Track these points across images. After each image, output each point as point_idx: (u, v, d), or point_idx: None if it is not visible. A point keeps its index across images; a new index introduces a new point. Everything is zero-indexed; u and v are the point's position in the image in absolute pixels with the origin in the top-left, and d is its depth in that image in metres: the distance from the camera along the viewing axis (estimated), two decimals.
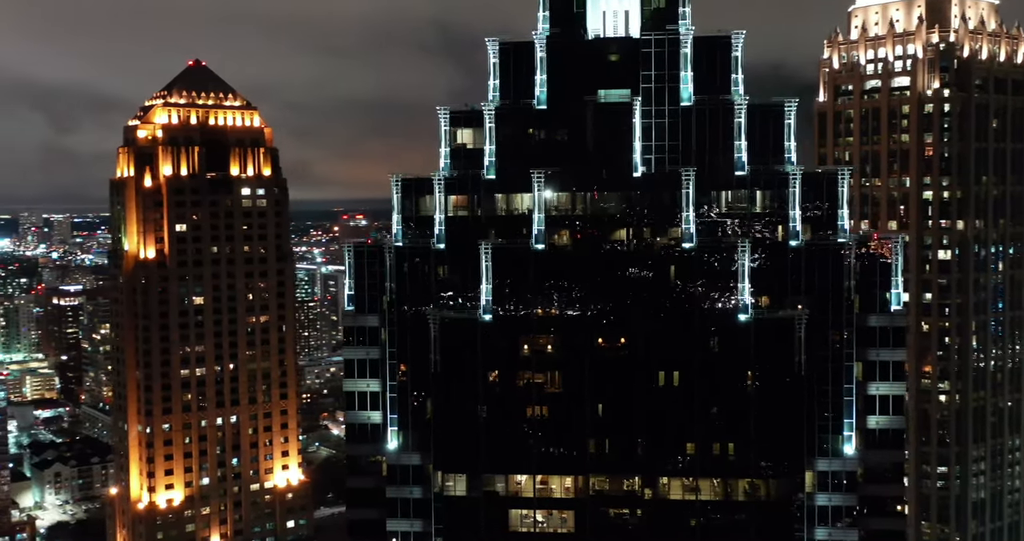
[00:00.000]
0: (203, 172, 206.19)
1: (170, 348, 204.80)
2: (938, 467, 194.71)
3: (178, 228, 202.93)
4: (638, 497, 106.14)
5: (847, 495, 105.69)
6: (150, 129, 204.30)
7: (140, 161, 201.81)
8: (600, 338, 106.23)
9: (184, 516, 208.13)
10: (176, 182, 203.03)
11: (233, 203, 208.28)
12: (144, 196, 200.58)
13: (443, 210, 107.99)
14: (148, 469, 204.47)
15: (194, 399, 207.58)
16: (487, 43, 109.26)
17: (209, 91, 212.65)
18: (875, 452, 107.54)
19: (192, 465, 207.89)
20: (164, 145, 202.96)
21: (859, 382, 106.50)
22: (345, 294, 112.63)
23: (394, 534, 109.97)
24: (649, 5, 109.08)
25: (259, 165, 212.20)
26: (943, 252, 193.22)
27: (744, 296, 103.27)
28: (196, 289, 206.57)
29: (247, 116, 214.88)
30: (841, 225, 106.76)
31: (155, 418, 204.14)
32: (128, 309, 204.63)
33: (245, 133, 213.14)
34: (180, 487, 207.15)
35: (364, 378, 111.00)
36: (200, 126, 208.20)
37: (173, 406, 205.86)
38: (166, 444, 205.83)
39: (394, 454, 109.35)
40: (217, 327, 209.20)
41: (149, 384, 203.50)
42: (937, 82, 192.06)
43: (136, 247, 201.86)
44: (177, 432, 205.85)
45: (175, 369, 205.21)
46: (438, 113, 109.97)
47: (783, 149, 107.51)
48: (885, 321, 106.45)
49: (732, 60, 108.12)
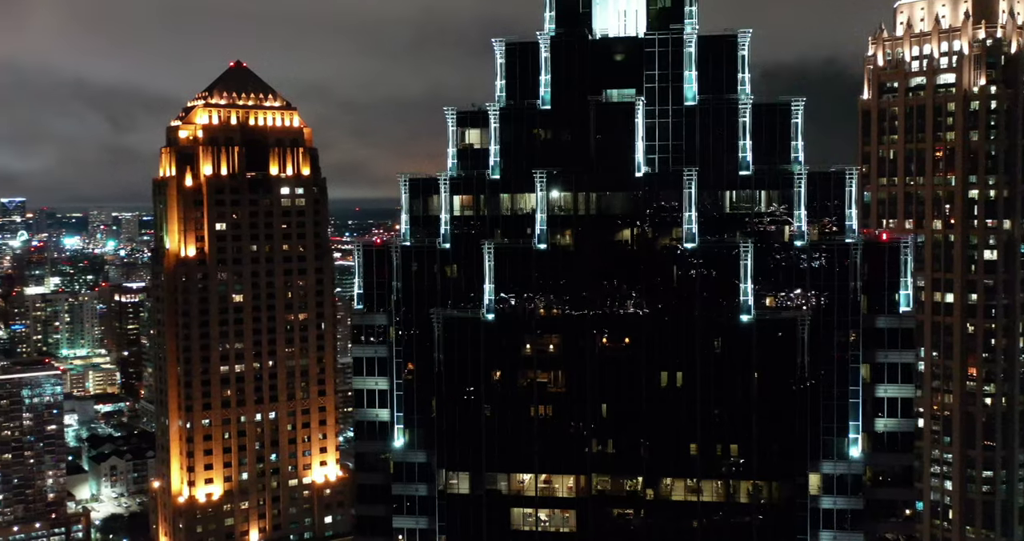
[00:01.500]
0: (243, 171, 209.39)
1: (210, 345, 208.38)
2: (983, 471, 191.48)
3: (218, 227, 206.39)
4: (640, 497, 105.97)
5: (852, 498, 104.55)
6: (191, 130, 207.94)
7: (181, 161, 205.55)
8: (602, 338, 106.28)
9: (223, 510, 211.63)
10: (216, 181, 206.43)
11: (272, 202, 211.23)
12: (185, 195, 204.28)
13: (449, 210, 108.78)
14: (188, 463, 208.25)
15: (233, 395, 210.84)
16: (493, 43, 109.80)
17: (249, 92, 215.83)
18: (883, 455, 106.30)
19: (231, 460, 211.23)
20: (204, 145, 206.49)
21: (867, 384, 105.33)
22: (355, 293, 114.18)
23: (400, 531, 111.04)
24: (655, 4, 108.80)
25: (298, 164, 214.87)
26: (989, 252, 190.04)
27: (747, 296, 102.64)
28: (236, 287, 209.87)
29: (287, 116, 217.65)
30: (849, 225, 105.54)
31: (195, 414, 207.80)
32: (169, 307, 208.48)
33: (284, 133, 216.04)
34: (219, 481, 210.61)
35: (372, 376, 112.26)
36: (240, 126, 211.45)
37: (213, 402, 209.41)
38: (206, 439, 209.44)
39: (400, 452, 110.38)
40: (256, 324, 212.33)
41: (189, 380, 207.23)
42: (983, 78, 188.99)
43: (177, 245, 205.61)
44: (217, 427, 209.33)
45: (215, 365, 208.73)
46: (445, 113, 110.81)
47: (790, 148, 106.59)
48: (893, 322, 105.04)
49: (739, 59, 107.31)
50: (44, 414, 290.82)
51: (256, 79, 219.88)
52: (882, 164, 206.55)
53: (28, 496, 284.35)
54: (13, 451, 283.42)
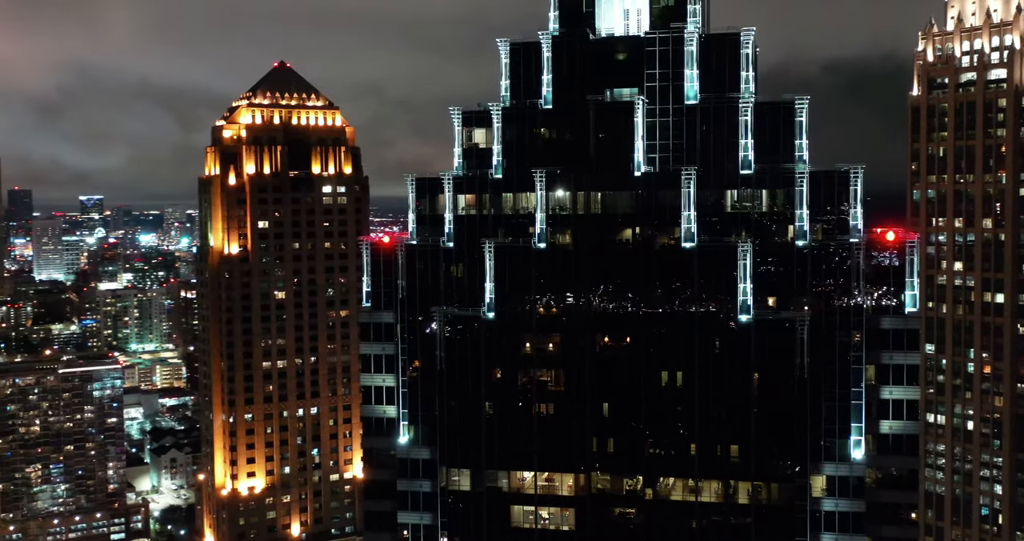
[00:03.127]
0: (285, 170, 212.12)
1: (252, 341, 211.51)
2: None
3: (261, 225, 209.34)
4: (639, 497, 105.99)
5: (855, 501, 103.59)
6: (235, 129, 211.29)
7: (225, 160, 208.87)
8: (602, 337, 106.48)
9: (265, 503, 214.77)
10: (259, 180, 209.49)
11: (314, 200, 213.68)
12: (228, 194, 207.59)
13: (453, 209, 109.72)
14: (231, 457, 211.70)
15: (275, 390, 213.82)
16: (498, 44, 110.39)
17: (292, 92, 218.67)
18: (889, 458, 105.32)
19: (273, 454, 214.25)
20: (248, 144, 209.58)
21: (872, 386, 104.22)
22: (364, 291, 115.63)
23: (405, 526, 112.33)
24: (658, 3, 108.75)
25: (340, 163, 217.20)
26: None
27: (745, 296, 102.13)
28: (278, 284, 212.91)
29: (329, 115, 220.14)
30: (854, 225, 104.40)
31: (238, 408, 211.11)
32: (213, 303, 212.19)
33: (327, 132, 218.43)
34: (261, 475, 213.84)
35: (380, 373, 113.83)
36: (283, 126, 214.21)
37: (255, 397, 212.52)
38: (248, 433, 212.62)
39: (405, 448, 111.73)
40: (298, 321, 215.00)
41: (232, 375, 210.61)
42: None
43: (221, 243, 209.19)
44: (259, 422, 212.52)
45: (257, 361, 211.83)
46: (451, 113, 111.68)
47: (794, 147, 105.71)
48: (899, 323, 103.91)
49: (742, 57, 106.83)
50: (105, 407, 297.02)
51: (299, 79, 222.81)
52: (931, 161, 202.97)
53: (89, 487, 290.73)
54: (75, 443, 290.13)
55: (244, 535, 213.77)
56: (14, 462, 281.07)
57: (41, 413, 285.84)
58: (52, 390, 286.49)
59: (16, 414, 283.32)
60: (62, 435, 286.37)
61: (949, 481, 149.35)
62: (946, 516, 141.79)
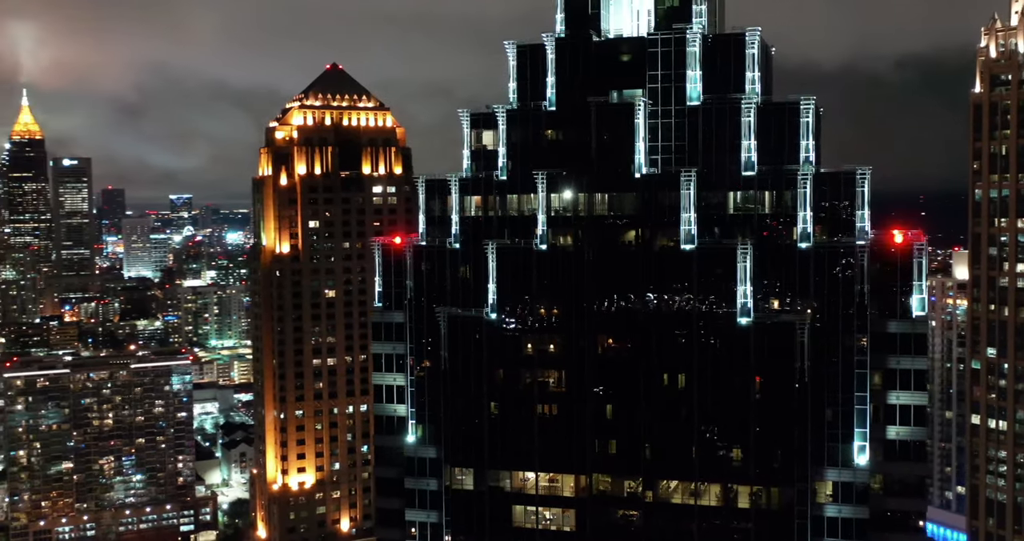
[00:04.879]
0: (336, 171, 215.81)
1: (302, 338, 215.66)
2: None
3: (311, 224, 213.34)
4: (639, 499, 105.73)
5: (858, 507, 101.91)
6: (287, 131, 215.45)
7: (277, 161, 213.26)
8: (603, 339, 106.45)
9: (315, 499, 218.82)
10: (310, 180, 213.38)
11: (364, 200, 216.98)
12: (280, 194, 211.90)
13: (459, 210, 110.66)
14: (282, 453, 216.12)
15: (325, 387, 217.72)
16: (505, 46, 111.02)
17: (344, 93, 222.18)
18: (895, 464, 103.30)
19: (323, 450, 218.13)
20: (299, 145, 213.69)
21: (878, 391, 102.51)
22: (376, 291, 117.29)
23: (412, 524, 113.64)
24: (663, 4, 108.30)
25: (390, 163, 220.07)
26: None
27: (745, 299, 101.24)
28: (328, 282, 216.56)
29: (379, 116, 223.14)
30: (862, 227, 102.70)
31: (288, 405, 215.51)
32: (265, 301, 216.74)
33: (377, 133, 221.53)
34: (311, 471, 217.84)
35: (391, 372, 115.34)
36: (334, 127, 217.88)
37: (305, 394, 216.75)
38: (299, 430, 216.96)
39: (412, 447, 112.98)
40: (348, 319, 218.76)
41: (283, 372, 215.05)
42: None
43: (273, 242, 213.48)
44: (309, 419, 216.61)
45: (307, 358, 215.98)
46: (459, 115, 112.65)
47: (799, 148, 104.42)
48: (906, 327, 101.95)
49: (747, 58, 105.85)
50: (176, 402, 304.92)
51: (351, 81, 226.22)
52: (994, 160, 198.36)
53: (160, 479, 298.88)
54: (147, 436, 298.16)
55: (294, 529, 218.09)
56: (89, 454, 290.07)
57: (114, 407, 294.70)
58: (125, 385, 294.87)
59: (91, 407, 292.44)
60: (134, 428, 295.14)
61: (1011, 488, 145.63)
62: (1008, 524, 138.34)
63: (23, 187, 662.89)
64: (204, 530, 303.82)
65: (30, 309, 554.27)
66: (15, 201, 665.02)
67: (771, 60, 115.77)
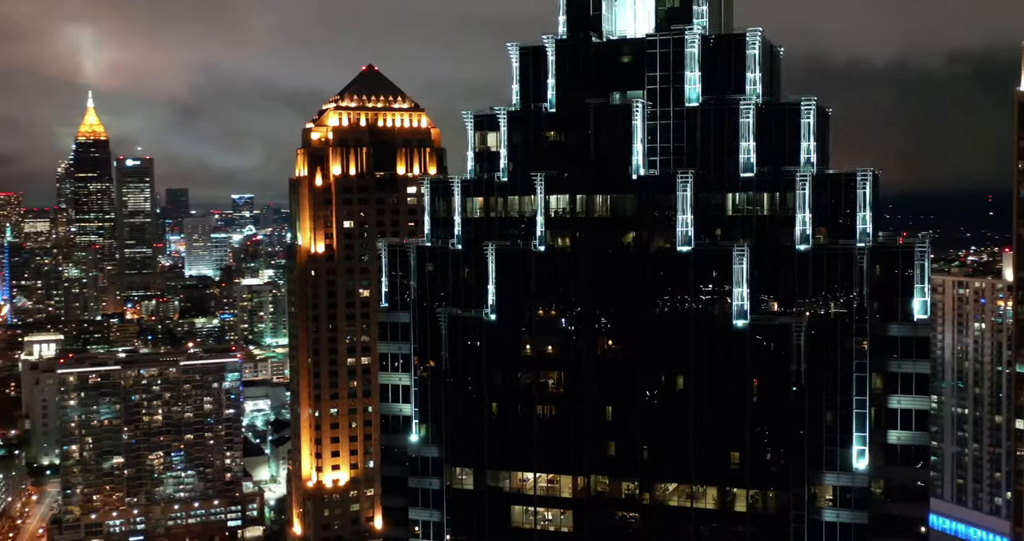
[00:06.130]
0: (371, 171, 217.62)
1: (337, 337, 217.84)
2: None
3: (346, 224, 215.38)
4: (636, 501, 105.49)
5: (857, 512, 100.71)
6: (322, 132, 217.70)
7: (313, 161, 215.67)
8: (600, 341, 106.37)
9: (349, 496, 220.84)
10: (345, 181, 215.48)
11: (398, 200, 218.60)
12: (315, 194, 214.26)
13: (462, 211, 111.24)
14: (317, 450, 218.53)
15: (360, 386, 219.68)
16: (508, 47, 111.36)
17: (379, 94, 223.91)
18: (896, 469, 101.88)
19: (357, 448, 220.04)
20: (334, 146, 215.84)
21: (879, 394, 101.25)
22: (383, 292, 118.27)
23: (416, 522, 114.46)
24: (663, 5, 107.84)
25: (425, 164, 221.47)
26: None
27: (741, 301, 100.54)
28: (362, 282, 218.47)
29: (414, 117, 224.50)
30: (863, 229, 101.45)
31: (323, 403, 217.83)
32: (300, 300, 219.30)
33: (412, 134, 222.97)
34: (345, 468, 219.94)
35: (396, 372, 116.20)
36: (369, 127, 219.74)
37: (339, 392, 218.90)
38: (333, 427, 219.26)
39: (415, 446, 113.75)
40: None
41: (318, 371, 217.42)
42: None
43: (308, 242, 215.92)
44: (343, 417, 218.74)
45: (342, 357, 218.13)
46: (463, 116, 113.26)
47: (799, 150, 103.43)
48: (907, 331, 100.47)
49: (747, 58, 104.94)
50: (224, 399, 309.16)
51: (386, 82, 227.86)
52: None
53: (208, 475, 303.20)
54: (195, 432, 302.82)
55: (328, 526, 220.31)
56: (139, 449, 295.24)
57: (164, 403, 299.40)
58: (174, 382, 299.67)
59: (141, 404, 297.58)
60: (183, 424, 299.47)
61: None
62: None
63: (88, 187, 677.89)
64: (251, 526, 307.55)
65: (92, 307, 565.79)
66: (81, 201, 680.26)
67: (778, 61, 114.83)
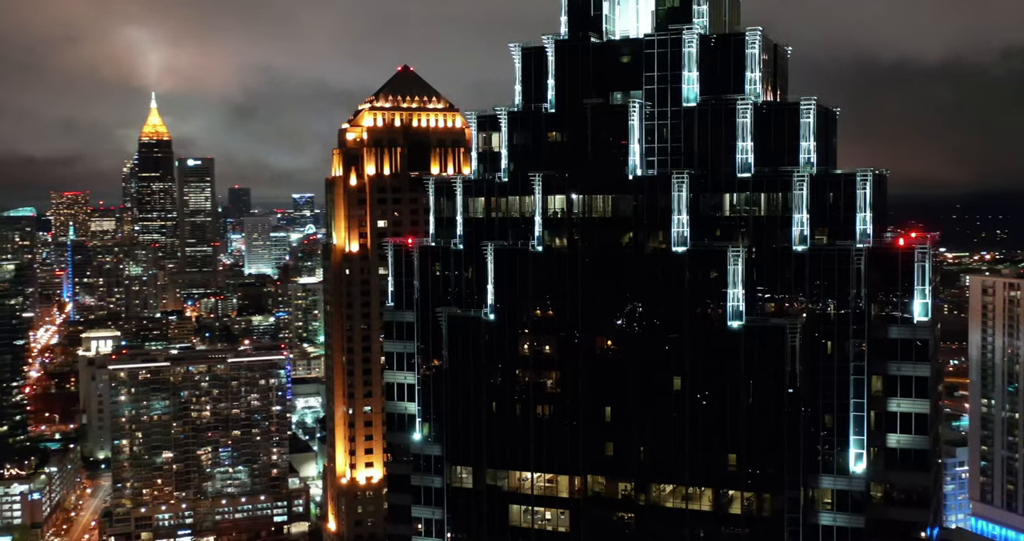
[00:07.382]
0: (405, 171, 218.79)
1: (371, 335, 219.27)
2: None
3: (380, 224, 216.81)
4: (633, 501, 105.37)
5: (854, 516, 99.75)
6: (357, 132, 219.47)
7: (348, 161, 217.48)
8: (597, 341, 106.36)
9: (382, 494, 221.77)
10: (379, 180, 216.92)
11: None
12: (350, 194, 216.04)
13: (464, 212, 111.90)
14: (350, 447, 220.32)
15: None
16: (510, 48, 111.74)
17: (414, 95, 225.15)
18: (897, 473, 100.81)
19: None
20: (369, 146, 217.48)
21: (879, 397, 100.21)
22: (388, 291, 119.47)
23: (419, 520, 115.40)
24: (663, 4, 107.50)
25: (459, 164, 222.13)
26: None
27: (736, 302, 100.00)
28: None
29: (449, 117, 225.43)
30: (863, 230, 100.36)
31: (357, 401, 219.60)
32: (335, 299, 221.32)
33: (446, 134, 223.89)
34: (379, 466, 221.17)
35: (402, 371, 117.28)
36: (403, 128, 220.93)
37: (373, 390, 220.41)
38: (367, 425, 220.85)
39: (418, 445, 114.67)
40: None
41: (352, 369, 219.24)
42: None
43: (343, 241, 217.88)
44: (376, 415, 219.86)
45: (375, 355, 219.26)
46: (467, 117, 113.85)
47: (799, 150, 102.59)
48: (907, 333, 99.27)
49: (747, 58, 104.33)
50: (271, 395, 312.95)
51: (421, 82, 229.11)
52: None
53: (255, 470, 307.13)
54: (242, 428, 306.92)
55: (361, 523, 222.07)
56: (188, 444, 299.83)
57: (212, 399, 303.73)
58: (222, 378, 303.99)
59: (190, 400, 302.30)
60: (231, 420, 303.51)
61: None
62: None
63: (151, 186, 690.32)
64: (297, 521, 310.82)
65: (152, 304, 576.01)
66: (144, 200, 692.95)
67: (784, 60, 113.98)
